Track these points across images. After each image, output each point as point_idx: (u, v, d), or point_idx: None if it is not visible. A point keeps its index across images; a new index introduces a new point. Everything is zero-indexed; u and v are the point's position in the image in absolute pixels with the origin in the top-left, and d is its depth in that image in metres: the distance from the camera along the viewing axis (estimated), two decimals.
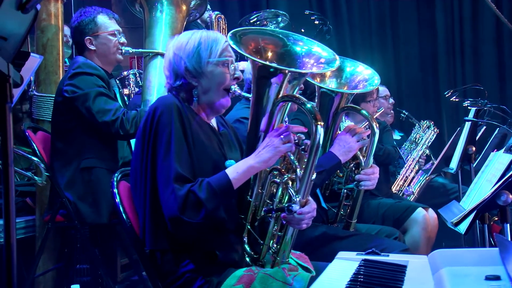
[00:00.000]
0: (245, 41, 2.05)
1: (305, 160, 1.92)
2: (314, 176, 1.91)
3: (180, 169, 1.89)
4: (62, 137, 3.09)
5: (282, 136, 1.94)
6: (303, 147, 1.97)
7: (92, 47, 3.21)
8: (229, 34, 2.00)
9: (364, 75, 2.75)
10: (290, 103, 2.04)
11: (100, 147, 3.10)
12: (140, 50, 3.32)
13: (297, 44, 2.13)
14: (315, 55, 2.12)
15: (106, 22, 3.24)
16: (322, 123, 1.85)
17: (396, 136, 5.55)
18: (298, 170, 1.93)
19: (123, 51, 3.25)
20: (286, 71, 1.97)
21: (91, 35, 3.20)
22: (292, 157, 1.96)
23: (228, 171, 1.94)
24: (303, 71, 2.08)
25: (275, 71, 1.97)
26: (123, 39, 3.28)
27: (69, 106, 3.04)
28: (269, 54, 2.10)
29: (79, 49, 3.25)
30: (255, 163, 1.95)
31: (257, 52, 2.07)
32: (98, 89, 3.02)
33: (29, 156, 3.18)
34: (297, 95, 1.95)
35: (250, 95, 2.12)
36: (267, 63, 2.02)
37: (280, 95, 1.99)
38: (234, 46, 1.95)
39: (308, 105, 1.87)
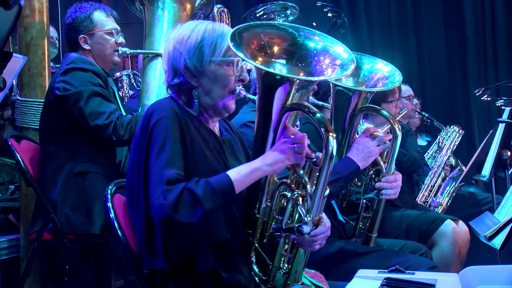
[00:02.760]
0: (246, 39, 2.02)
1: (317, 174, 1.91)
2: (327, 192, 1.91)
3: (175, 170, 1.88)
4: (54, 139, 3.12)
5: (295, 146, 1.92)
6: (314, 159, 1.95)
7: (87, 47, 3.24)
8: (229, 36, 1.96)
9: (383, 72, 2.76)
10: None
11: (96, 150, 3.13)
12: (138, 50, 3.34)
13: (311, 39, 2.10)
14: (331, 54, 2.09)
15: (103, 20, 3.26)
16: (335, 135, 1.84)
17: (423, 141, 5.54)
18: (308, 186, 1.91)
19: (120, 52, 3.27)
20: (295, 79, 1.96)
21: (86, 33, 3.22)
22: (301, 172, 1.95)
23: (229, 172, 1.93)
24: (314, 79, 2.07)
25: (282, 79, 1.96)
26: (121, 39, 3.30)
27: (61, 105, 3.06)
28: (275, 50, 2.07)
29: (72, 48, 3.27)
30: (261, 165, 1.93)
31: (261, 49, 2.05)
32: (93, 88, 3.04)
33: None
34: (306, 104, 1.93)
35: (256, 97, 2.12)
36: (272, 70, 2.00)
37: (288, 104, 1.97)
38: (236, 51, 1.93)
39: (318, 115, 1.86)
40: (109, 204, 2.15)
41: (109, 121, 2.97)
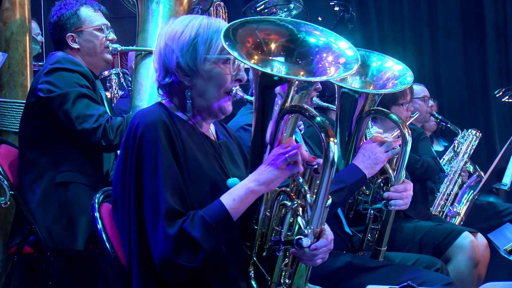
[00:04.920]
0: (241, 36, 2.02)
1: (318, 182, 1.91)
2: (329, 202, 1.91)
3: (171, 201, 1.90)
4: (35, 145, 3.12)
5: (287, 156, 1.92)
6: (315, 166, 1.96)
7: (75, 45, 3.24)
8: (222, 33, 1.96)
9: (393, 71, 2.76)
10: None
11: (81, 159, 3.13)
12: (130, 47, 3.35)
13: (312, 34, 2.11)
14: (334, 52, 2.09)
15: (91, 15, 3.27)
16: (335, 140, 1.85)
17: (440, 146, 5.55)
18: (308, 195, 1.92)
19: (111, 48, 3.27)
20: (294, 80, 1.96)
21: (74, 31, 3.23)
22: (300, 180, 1.96)
23: (223, 199, 1.94)
24: (314, 79, 2.08)
25: (280, 80, 1.97)
26: (112, 35, 3.31)
27: (44, 108, 3.07)
28: (273, 47, 2.08)
29: (59, 48, 3.28)
30: (255, 186, 1.94)
31: (258, 47, 2.05)
32: (80, 89, 3.04)
33: None
34: (306, 106, 1.94)
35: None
36: (269, 70, 2.01)
37: (287, 106, 1.98)
38: (230, 50, 1.93)
39: (318, 119, 1.87)
40: (97, 214, 2.17)
41: (98, 125, 2.97)
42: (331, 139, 1.84)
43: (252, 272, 2.08)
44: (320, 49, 2.10)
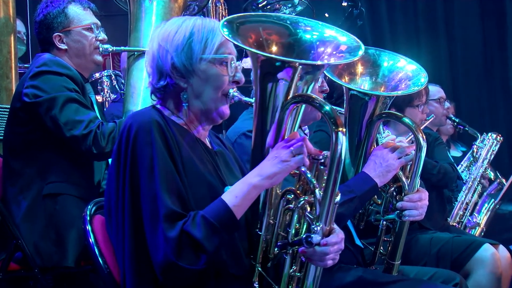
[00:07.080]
0: (243, 32, 2.08)
1: (325, 178, 1.92)
2: (338, 197, 1.92)
3: (170, 202, 1.92)
4: (20, 153, 3.13)
5: (292, 148, 1.95)
6: (322, 160, 1.99)
7: (63, 46, 3.25)
8: (223, 21, 2.01)
9: (406, 71, 2.76)
10: (303, 105, 2.07)
11: (70, 168, 3.14)
12: (122, 48, 3.35)
13: (307, 30, 2.17)
14: (332, 42, 2.15)
15: (80, 14, 3.28)
16: (344, 130, 1.86)
17: (457, 152, 5.55)
18: (317, 190, 1.92)
19: (101, 49, 3.28)
20: (297, 64, 1.99)
21: (61, 30, 3.24)
22: (309, 175, 1.97)
23: (225, 197, 1.96)
24: (318, 63, 2.10)
25: (282, 65, 2.00)
26: (102, 35, 3.32)
27: (30, 114, 3.07)
28: (274, 47, 2.13)
29: (45, 48, 3.29)
30: (257, 181, 1.96)
31: (259, 46, 2.10)
32: (69, 93, 3.05)
33: None
34: (312, 95, 1.97)
35: (253, 99, 2.14)
36: (272, 55, 2.05)
37: (290, 95, 2.02)
38: (228, 38, 1.98)
39: (326, 108, 1.89)
40: (88, 227, 2.17)
41: (88, 131, 2.97)
42: (340, 128, 1.85)
43: (257, 283, 2.09)
44: (318, 43, 2.15)
